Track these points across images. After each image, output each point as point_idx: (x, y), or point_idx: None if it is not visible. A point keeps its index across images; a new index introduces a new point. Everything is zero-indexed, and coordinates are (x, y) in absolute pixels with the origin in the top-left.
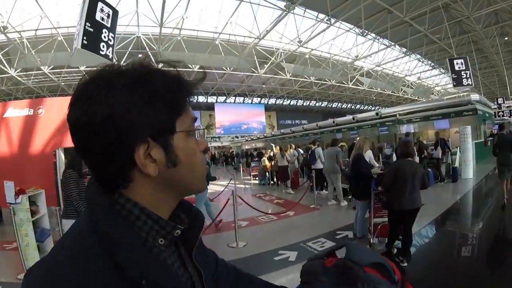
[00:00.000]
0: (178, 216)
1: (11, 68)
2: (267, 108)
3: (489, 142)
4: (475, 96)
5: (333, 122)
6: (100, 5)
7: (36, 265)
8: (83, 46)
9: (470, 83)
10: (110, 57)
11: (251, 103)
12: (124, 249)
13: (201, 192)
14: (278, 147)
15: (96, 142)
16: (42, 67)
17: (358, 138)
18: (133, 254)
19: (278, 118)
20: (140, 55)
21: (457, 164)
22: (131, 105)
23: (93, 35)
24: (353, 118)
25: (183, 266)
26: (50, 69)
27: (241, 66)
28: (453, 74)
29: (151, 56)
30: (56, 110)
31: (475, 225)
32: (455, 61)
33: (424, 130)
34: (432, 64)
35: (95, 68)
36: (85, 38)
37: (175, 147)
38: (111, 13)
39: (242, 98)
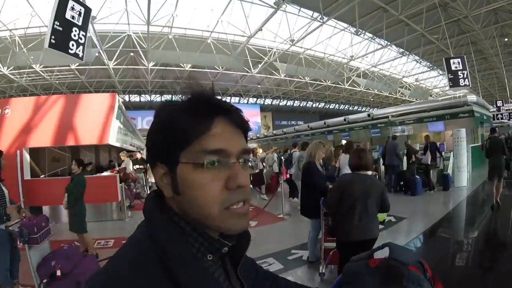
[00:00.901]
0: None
1: (4, 67)
2: (263, 108)
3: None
4: (471, 97)
5: (324, 123)
6: (71, 3)
7: (97, 273)
8: (50, 45)
9: (468, 83)
10: (80, 55)
11: (247, 103)
12: (178, 263)
13: (232, 233)
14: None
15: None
16: (34, 66)
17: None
18: (185, 268)
19: (273, 118)
20: (131, 54)
21: (449, 171)
22: (153, 129)
23: (62, 34)
24: (345, 120)
25: (228, 280)
26: (42, 68)
27: (232, 65)
28: (450, 74)
29: (142, 55)
30: (22, 110)
31: (466, 245)
32: (451, 61)
33: (419, 132)
34: (430, 65)
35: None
36: (53, 37)
37: (178, 177)
38: (83, 11)
39: (237, 98)
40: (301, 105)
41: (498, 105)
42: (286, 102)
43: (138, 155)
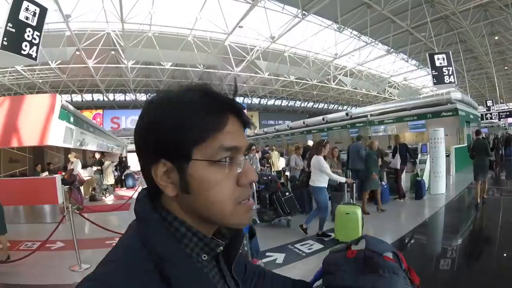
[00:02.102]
0: (220, 231)
1: None
2: (250, 107)
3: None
4: (456, 94)
5: (303, 123)
6: (25, 4)
7: (87, 278)
8: (2, 47)
9: (453, 81)
10: (34, 56)
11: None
12: (172, 265)
13: (239, 228)
14: None
15: (137, 152)
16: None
17: None
18: (181, 270)
19: (260, 118)
20: (113, 52)
21: (425, 176)
22: (152, 125)
23: (14, 36)
24: (323, 119)
25: (223, 279)
26: (24, 67)
27: (213, 63)
28: (434, 71)
29: (121, 53)
30: None
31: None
32: (436, 56)
33: (400, 133)
34: (418, 64)
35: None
36: (5, 39)
37: (188, 175)
38: (38, 11)
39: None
40: (289, 104)
41: (488, 104)
42: (274, 102)
43: (97, 155)
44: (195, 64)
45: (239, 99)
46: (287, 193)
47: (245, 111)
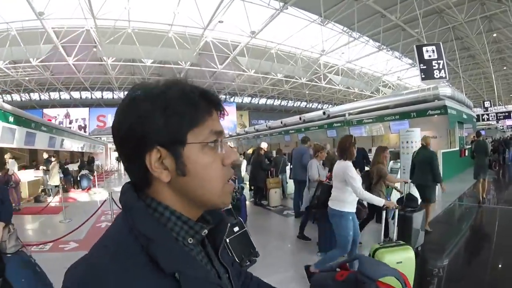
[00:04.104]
0: (204, 218)
1: None
2: (240, 107)
3: (466, 151)
4: (444, 90)
5: (281, 122)
6: None
7: (78, 261)
8: None
9: (444, 75)
10: None
11: (224, 101)
12: (159, 246)
13: (222, 208)
14: None
15: (123, 148)
16: None
17: None
18: (166, 250)
19: (250, 117)
20: (94, 49)
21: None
22: (146, 116)
23: None
24: (300, 118)
25: (210, 264)
26: (7, 64)
27: (195, 60)
28: (422, 65)
29: (102, 50)
30: None
31: None
32: (424, 48)
33: (384, 134)
34: (412, 62)
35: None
36: None
37: (185, 158)
38: None
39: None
40: (281, 104)
41: (486, 105)
42: (265, 101)
43: (45, 155)
44: (177, 61)
45: (230, 98)
46: (235, 228)
47: (230, 107)
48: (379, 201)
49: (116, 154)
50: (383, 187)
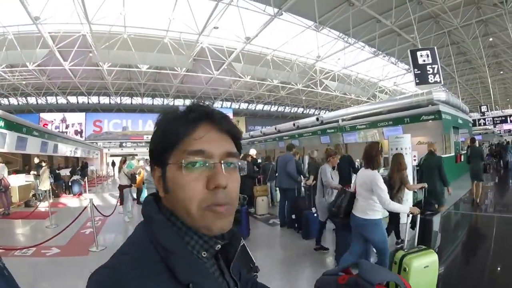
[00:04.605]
0: None
1: None
2: (237, 112)
3: (462, 156)
4: (438, 95)
5: (275, 128)
6: None
7: (100, 267)
8: None
9: (439, 80)
10: None
11: (221, 107)
12: (176, 258)
13: (206, 233)
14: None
15: None
16: None
17: None
18: (183, 262)
19: (247, 123)
20: (90, 54)
21: None
22: (152, 138)
23: None
24: (294, 124)
25: (222, 277)
26: (4, 68)
27: (191, 66)
28: (416, 69)
29: (97, 55)
30: None
31: None
32: (419, 53)
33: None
34: (408, 68)
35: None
36: None
37: (167, 177)
38: None
39: (211, 102)
40: (278, 110)
41: (483, 110)
42: (262, 107)
43: (36, 160)
44: (173, 67)
45: (226, 104)
46: None
47: (227, 113)
48: (405, 209)
49: (111, 159)
50: (403, 193)
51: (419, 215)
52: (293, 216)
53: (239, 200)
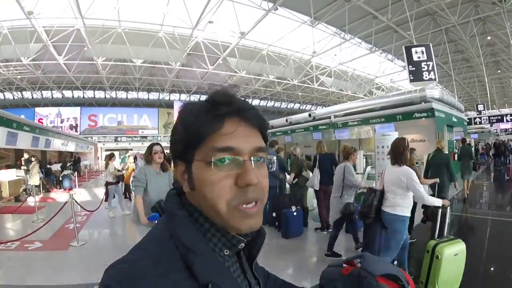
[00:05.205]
0: None
1: None
2: None
3: (455, 155)
4: (432, 92)
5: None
6: None
7: (118, 261)
8: None
9: (434, 77)
10: None
11: None
12: (196, 256)
13: (235, 232)
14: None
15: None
16: None
17: None
18: (203, 261)
19: None
20: (85, 48)
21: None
22: (173, 130)
23: None
24: (287, 120)
25: (244, 275)
26: None
27: (186, 61)
28: (411, 66)
29: (91, 49)
30: None
31: None
32: (413, 50)
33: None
34: (405, 65)
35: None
36: None
37: (193, 174)
38: None
39: (201, 96)
40: (275, 105)
41: (480, 109)
42: (259, 103)
43: (26, 155)
44: (168, 62)
45: None
46: None
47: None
48: (439, 202)
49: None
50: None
51: (448, 208)
52: (274, 214)
53: None
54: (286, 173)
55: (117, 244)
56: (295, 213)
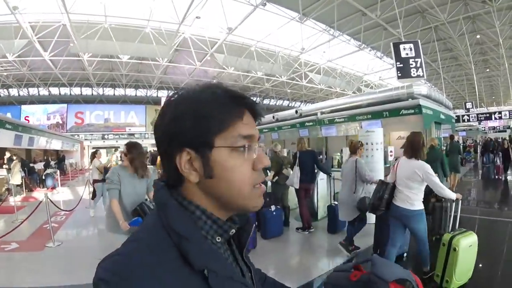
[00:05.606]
0: (231, 217)
1: None
2: None
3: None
4: (419, 88)
5: None
6: None
7: (111, 254)
8: None
9: (422, 74)
10: None
11: None
12: (190, 243)
13: (252, 211)
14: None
15: (159, 147)
16: None
17: None
18: (197, 248)
19: None
20: (71, 44)
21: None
22: (178, 118)
23: None
24: (273, 117)
25: (235, 262)
26: None
27: (173, 57)
28: (398, 63)
29: (77, 45)
30: None
31: None
32: (402, 46)
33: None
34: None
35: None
36: None
37: (212, 161)
38: None
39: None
40: (264, 102)
41: (468, 107)
42: None
43: (7, 154)
44: (155, 58)
45: None
46: None
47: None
48: (454, 195)
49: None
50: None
51: (456, 201)
52: (253, 214)
53: None
54: (267, 170)
55: (94, 244)
56: (274, 213)
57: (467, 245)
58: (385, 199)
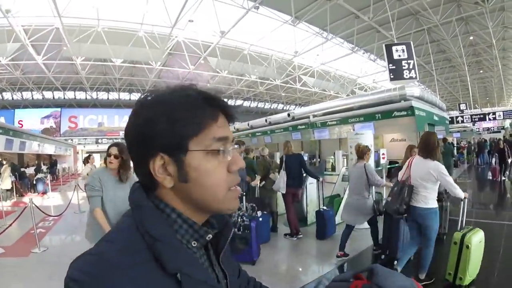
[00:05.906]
0: (209, 221)
1: None
2: None
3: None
4: (412, 90)
5: (248, 124)
6: None
7: (84, 254)
8: None
9: (414, 76)
10: None
11: None
12: (164, 246)
13: (228, 213)
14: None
15: (131, 152)
16: None
17: None
18: (171, 250)
19: None
20: (65, 48)
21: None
22: (150, 122)
23: None
24: (266, 120)
25: (211, 267)
26: None
27: (162, 59)
28: (391, 65)
29: (70, 49)
30: None
31: None
32: (394, 48)
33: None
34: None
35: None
36: None
37: (187, 165)
38: None
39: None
40: (258, 106)
41: (462, 108)
42: (242, 103)
43: None
44: (148, 62)
45: None
46: None
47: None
48: (463, 194)
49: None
50: None
51: (464, 200)
52: None
53: (245, 211)
54: (256, 175)
55: (80, 250)
56: (260, 219)
57: (478, 241)
58: (405, 201)
